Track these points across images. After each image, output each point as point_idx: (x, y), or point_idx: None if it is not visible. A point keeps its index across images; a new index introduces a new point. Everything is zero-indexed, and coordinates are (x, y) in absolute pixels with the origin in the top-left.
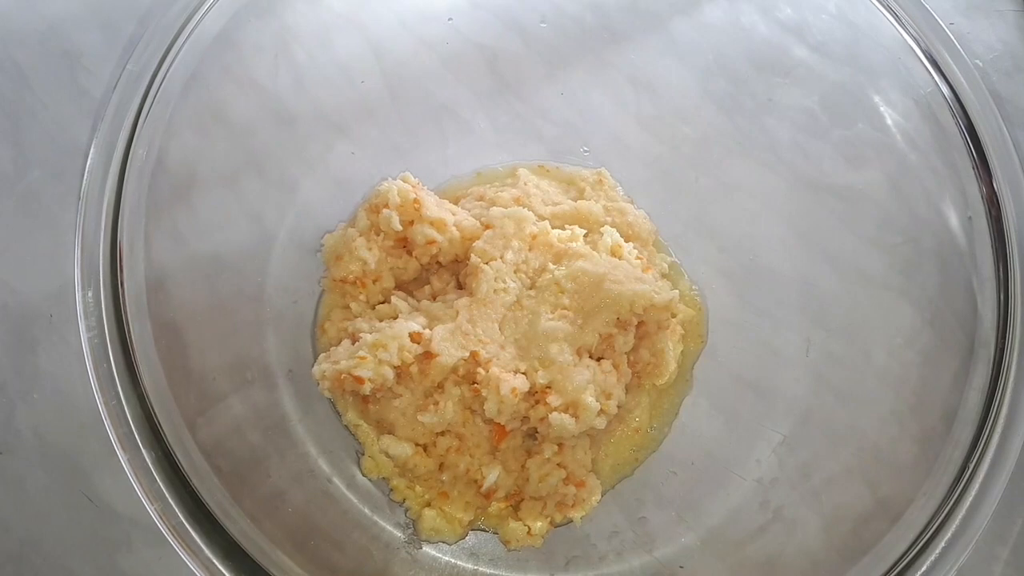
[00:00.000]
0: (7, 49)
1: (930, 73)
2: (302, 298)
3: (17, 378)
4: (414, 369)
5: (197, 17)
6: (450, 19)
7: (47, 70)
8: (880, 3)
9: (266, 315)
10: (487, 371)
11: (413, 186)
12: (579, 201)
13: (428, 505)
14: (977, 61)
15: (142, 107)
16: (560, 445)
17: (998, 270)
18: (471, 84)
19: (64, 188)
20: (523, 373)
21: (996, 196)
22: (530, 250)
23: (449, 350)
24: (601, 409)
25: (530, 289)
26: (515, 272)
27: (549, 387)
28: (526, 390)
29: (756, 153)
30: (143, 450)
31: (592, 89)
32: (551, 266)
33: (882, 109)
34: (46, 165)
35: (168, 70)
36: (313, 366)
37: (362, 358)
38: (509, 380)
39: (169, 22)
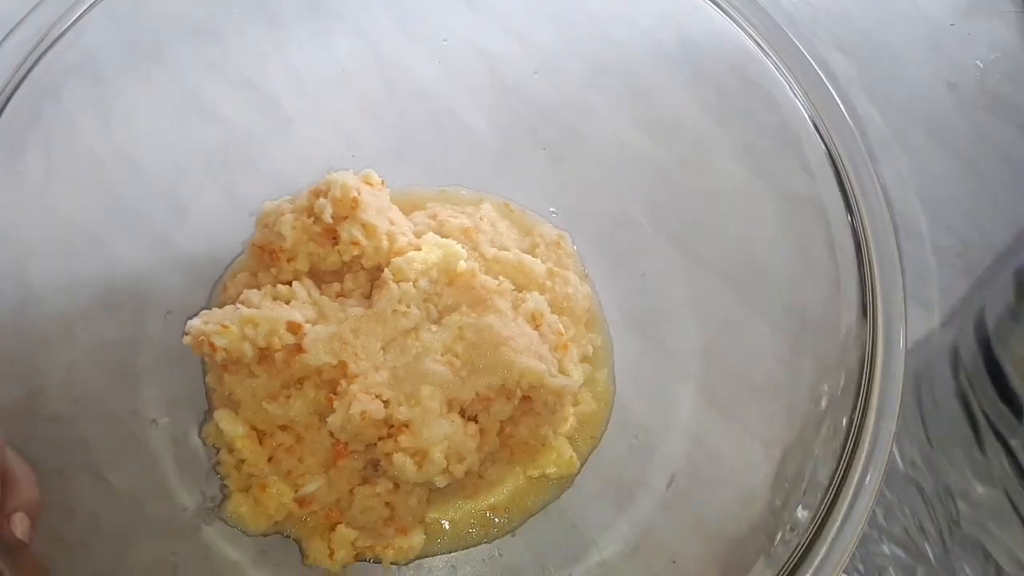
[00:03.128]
0: None
1: None
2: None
3: None
4: (279, 356)
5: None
6: (450, 20)
7: None
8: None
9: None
10: (348, 385)
11: (373, 184)
12: (525, 255)
13: (247, 489)
14: (977, 62)
15: None
16: (396, 485)
17: None
18: (471, 86)
19: None
20: (385, 402)
21: None
22: (449, 284)
23: (319, 352)
24: (448, 469)
25: (432, 323)
26: (424, 301)
27: (406, 426)
28: (379, 418)
29: (747, 160)
30: None
31: (591, 89)
32: (464, 308)
33: None
34: None
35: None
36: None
37: (225, 327)
38: (365, 403)
39: None
